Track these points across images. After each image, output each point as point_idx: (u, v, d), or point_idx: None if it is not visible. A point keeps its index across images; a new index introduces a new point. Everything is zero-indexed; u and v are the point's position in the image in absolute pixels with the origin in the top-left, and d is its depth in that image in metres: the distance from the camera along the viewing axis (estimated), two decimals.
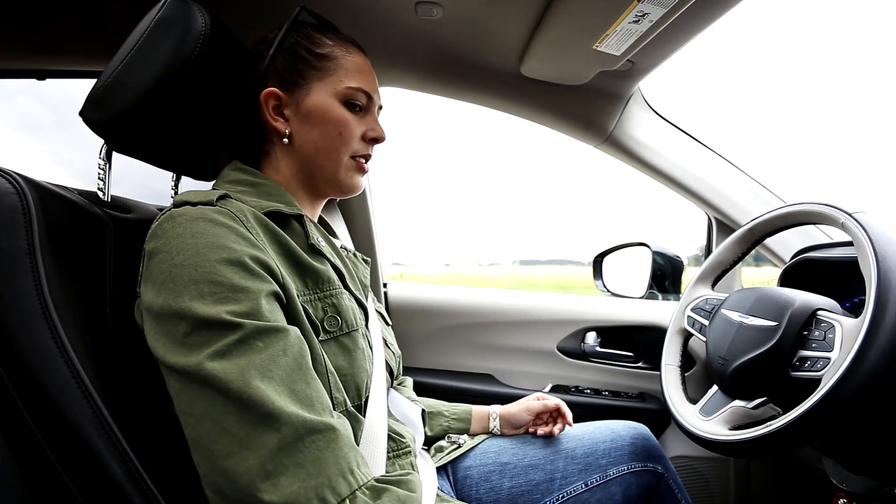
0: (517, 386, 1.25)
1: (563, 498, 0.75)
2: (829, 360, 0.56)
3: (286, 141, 0.63)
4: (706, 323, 0.77)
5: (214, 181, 0.64)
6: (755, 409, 0.64)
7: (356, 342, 0.58)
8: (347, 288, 0.62)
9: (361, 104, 0.65)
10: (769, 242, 1.04)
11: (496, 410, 0.88)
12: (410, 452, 0.64)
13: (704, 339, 0.76)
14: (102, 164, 0.61)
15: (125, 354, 0.53)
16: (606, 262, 1.31)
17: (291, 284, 0.52)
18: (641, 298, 1.21)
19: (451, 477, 0.79)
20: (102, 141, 0.61)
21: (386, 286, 1.34)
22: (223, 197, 0.54)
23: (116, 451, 0.46)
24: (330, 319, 0.56)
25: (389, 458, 0.61)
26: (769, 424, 0.57)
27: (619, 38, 0.78)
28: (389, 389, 0.73)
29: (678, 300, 0.88)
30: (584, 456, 0.79)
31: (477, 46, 0.93)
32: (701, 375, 1.18)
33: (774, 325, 0.64)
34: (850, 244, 0.82)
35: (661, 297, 1.29)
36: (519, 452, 0.80)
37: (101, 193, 0.61)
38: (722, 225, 1.18)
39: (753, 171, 1.10)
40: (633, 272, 1.24)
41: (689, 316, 0.83)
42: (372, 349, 0.62)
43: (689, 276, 1.01)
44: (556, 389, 1.22)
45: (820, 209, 0.67)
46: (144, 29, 0.58)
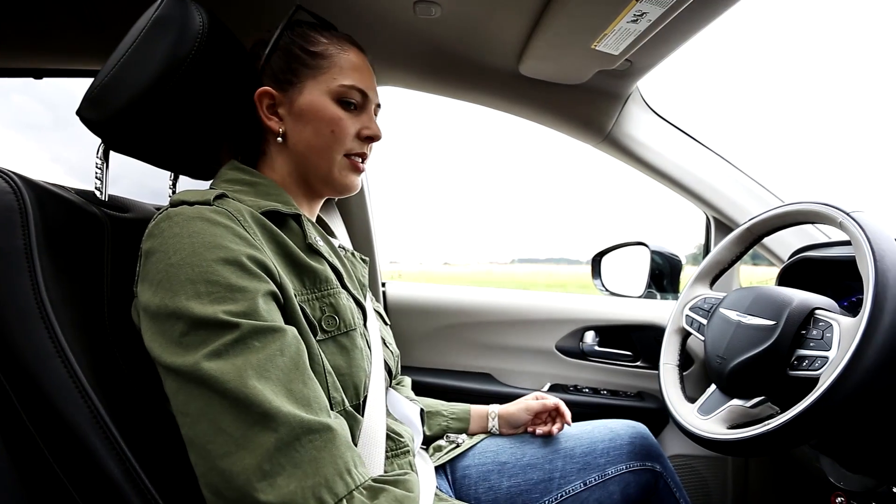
0: (516, 385, 1.25)
1: (561, 497, 0.75)
2: (826, 358, 0.56)
3: (280, 140, 0.63)
4: (704, 322, 0.78)
5: (212, 180, 0.64)
6: (753, 407, 0.64)
7: (354, 342, 0.58)
8: (345, 287, 0.62)
9: (356, 102, 0.64)
10: (767, 242, 1.04)
11: (495, 410, 0.88)
12: (409, 452, 0.64)
13: (703, 338, 0.76)
14: (100, 163, 0.61)
15: (122, 354, 0.53)
16: (605, 261, 1.31)
17: (289, 284, 0.52)
18: (640, 298, 1.21)
19: (449, 476, 0.79)
20: (100, 140, 0.61)
21: (384, 285, 1.34)
22: (220, 196, 0.54)
23: (114, 450, 0.46)
24: (328, 319, 0.56)
25: (388, 457, 0.61)
26: (767, 423, 0.57)
27: (617, 37, 0.78)
28: (388, 389, 0.73)
29: (676, 299, 0.88)
30: (582, 455, 0.79)
31: (475, 45, 0.93)
32: (699, 374, 1.18)
33: (772, 324, 0.64)
34: (847, 243, 0.82)
35: (659, 296, 1.29)
36: (517, 452, 0.80)
37: (98, 193, 0.61)
38: (720, 224, 1.18)
39: (752, 170, 1.10)
40: (631, 271, 1.24)
41: (687, 315, 0.83)
42: (370, 349, 0.62)
43: (687, 275, 1.01)
44: (554, 389, 1.22)
45: (818, 208, 0.67)
46: (142, 28, 0.57)
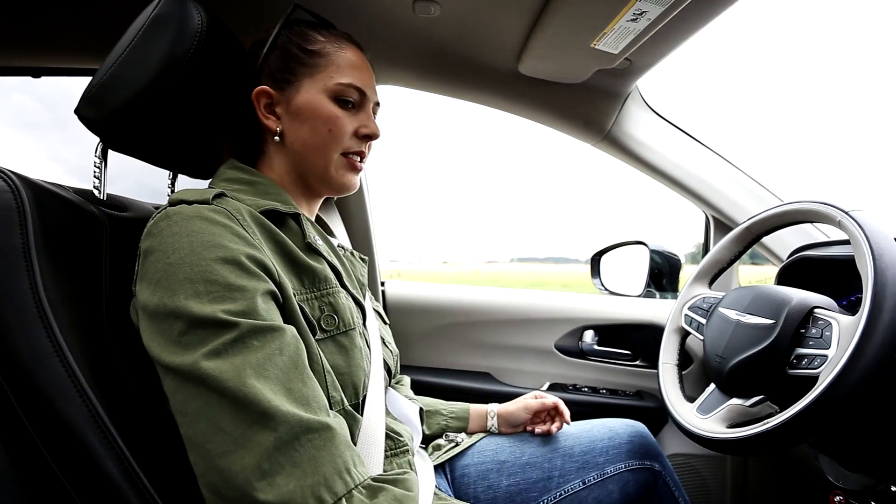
0: (515, 384, 1.25)
1: (560, 496, 0.75)
2: (826, 357, 0.56)
3: (278, 139, 0.63)
4: (703, 321, 0.78)
5: (211, 180, 0.64)
6: (752, 406, 0.64)
7: (353, 341, 0.58)
8: (344, 287, 0.62)
9: (353, 100, 0.64)
10: (766, 241, 1.04)
11: (494, 409, 0.88)
12: (408, 451, 0.64)
13: (702, 337, 0.76)
14: (98, 162, 0.61)
15: (121, 354, 0.53)
16: (604, 260, 1.31)
17: (288, 283, 0.52)
18: (639, 297, 1.22)
19: (448, 475, 0.79)
20: (98, 139, 0.60)
21: (384, 285, 1.34)
22: (219, 195, 0.54)
23: (112, 450, 0.46)
24: (327, 318, 0.56)
25: (387, 456, 0.61)
26: (766, 422, 0.57)
27: (616, 36, 0.78)
28: (387, 388, 0.73)
29: (676, 298, 0.88)
30: (581, 454, 0.79)
31: (475, 44, 0.92)
32: (698, 374, 1.18)
33: (771, 323, 0.64)
34: (846, 242, 0.82)
35: (658, 295, 1.29)
36: (517, 451, 0.81)
37: (96, 192, 0.61)
38: (719, 223, 1.18)
39: (751, 169, 1.11)
40: (630, 270, 1.24)
41: (686, 314, 0.83)
42: (370, 348, 0.62)
43: (686, 274, 1.01)
44: (553, 388, 1.22)
45: (817, 207, 0.67)
46: (140, 26, 0.57)
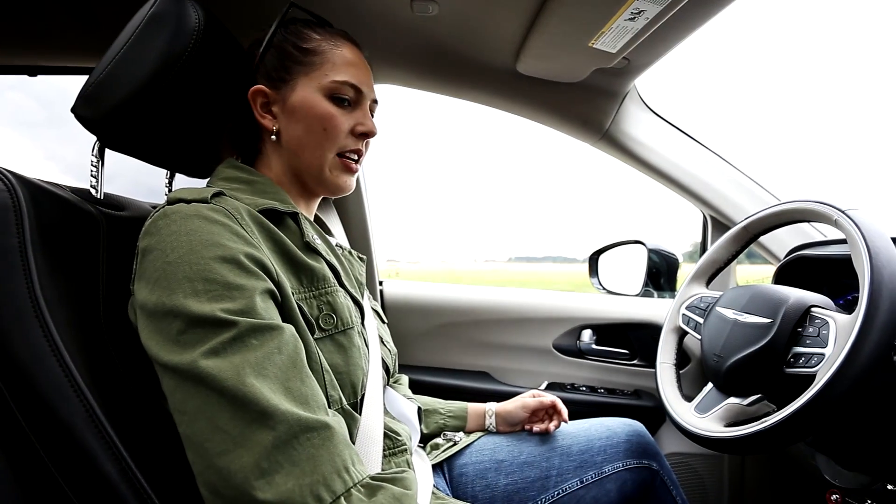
0: (513, 383, 1.25)
1: (558, 495, 0.75)
2: (823, 356, 0.57)
3: (274, 138, 0.63)
4: (701, 321, 0.78)
5: (209, 179, 0.64)
6: (750, 405, 0.64)
7: (352, 340, 0.58)
8: (343, 286, 0.62)
9: (349, 98, 0.64)
10: (764, 240, 1.05)
11: (492, 408, 0.88)
12: (406, 450, 0.64)
13: (699, 336, 0.76)
14: (95, 161, 0.60)
15: (118, 353, 0.53)
16: (602, 259, 1.31)
17: (286, 282, 0.52)
18: (637, 296, 1.22)
19: (446, 474, 0.79)
20: (95, 137, 0.60)
21: (382, 284, 1.34)
22: (218, 194, 0.54)
23: (110, 450, 0.46)
24: (325, 317, 0.56)
25: (386, 455, 0.61)
26: (764, 421, 0.57)
27: (614, 35, 0.78)
28: (385, 387, 0.73)
29: (673, 297, 0.88)
30: (579, 453, 0.79)
31: (473, 43, 0.92)
32: (696, 373, 1.18)
33: (769, 322, 0.64)
34: (843, 242, 0.83)
35: (656, 294, 1.30)
36: (515, 450, 0.81)
37: (93, 191, 0.60)
38: (717, 222, 1.18)
39: (748, 168, 1.11)
40: (628, 270, 1.24)
41: (683, 314, 0.83)
42: (368, 347, 0.62)
43: (684, 273, 1.01)
44: (551, 387, 1.22)
45: (813, 207, 0.67)
46: (137, 24, 0.57)
